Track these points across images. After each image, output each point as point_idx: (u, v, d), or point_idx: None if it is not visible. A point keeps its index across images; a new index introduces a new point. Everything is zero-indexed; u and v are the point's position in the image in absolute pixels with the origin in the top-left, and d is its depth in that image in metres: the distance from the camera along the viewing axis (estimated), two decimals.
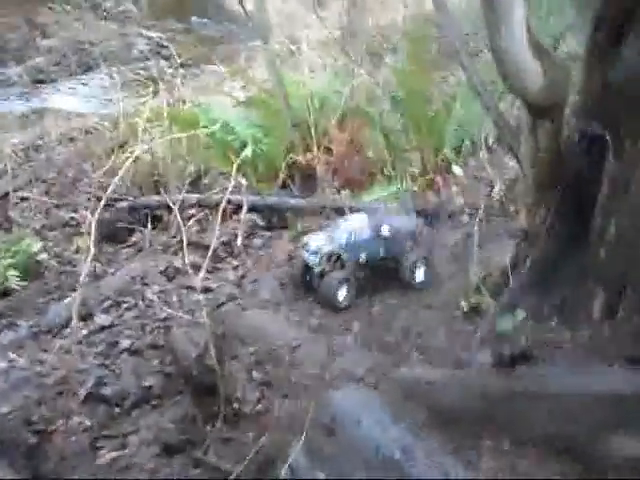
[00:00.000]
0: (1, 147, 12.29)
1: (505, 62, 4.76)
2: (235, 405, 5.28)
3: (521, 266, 5.97)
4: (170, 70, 14.41)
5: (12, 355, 6.43)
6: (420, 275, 7.20)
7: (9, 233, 9.37)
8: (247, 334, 6.28)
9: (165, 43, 15.51)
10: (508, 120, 6.07)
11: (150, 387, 5.89)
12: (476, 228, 7.20)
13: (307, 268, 7.11)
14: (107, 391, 5.85)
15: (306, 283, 7.15)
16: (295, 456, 4.31)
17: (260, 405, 5.33)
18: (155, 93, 12.56)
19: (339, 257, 6.98)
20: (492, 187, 8.44)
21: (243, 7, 10.57)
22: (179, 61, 13.84)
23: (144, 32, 16.40)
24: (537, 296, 5.61)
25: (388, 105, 9.97)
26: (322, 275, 6.94)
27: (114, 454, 5.21)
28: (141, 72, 15.08)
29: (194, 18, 16.36)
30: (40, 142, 12.92)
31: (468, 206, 8.36)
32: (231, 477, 4.49)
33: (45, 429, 5.38)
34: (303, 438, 4.33)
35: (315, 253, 6.94)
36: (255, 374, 5.70)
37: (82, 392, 5.83)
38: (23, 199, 10.69)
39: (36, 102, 14.23)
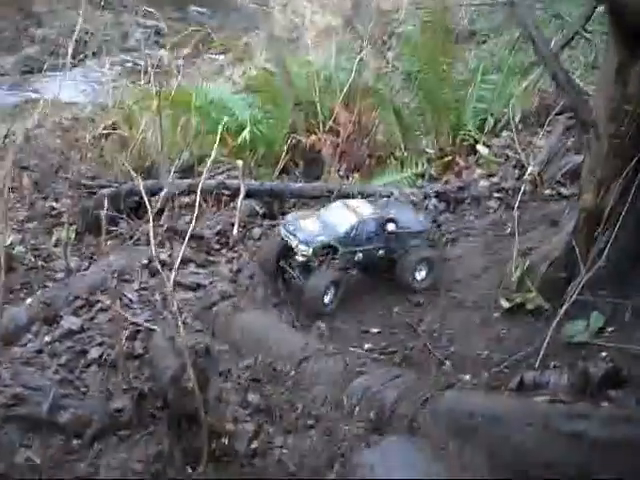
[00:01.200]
0: None
1: None
2: (224, 440, 3.66)
3: (584, 257, 4.39)
4: (167, 59, 12.81)
5: None
6: (421, 275, 5.56)
7: None
8: (242, 342, 4.69)
9: (162, 32, 13.98)
10: (570, 76, 4.48)
11: (119, 410, 4.29)
12: (515, 213, 5.66)
13: (285, 254, 5.46)
14: (64, 417, 4.25)
15: (280, 272, 5.52)
16: None
17: (257, 441, 3.69)
18: (151, 82, 11.01)
19: (335, 251, 5.32)
20: (523, 168, 6.83)
21: None
22: (176, 50, 12.32)
23: (141, 21, 14.90)
24: (615, 295, 4.04)
25: (400, 82, 8.37)
26: (306, 268, 5.32)
27: None
28: (138, 61, 13.51)
29: (192, 7, 14.88)
30: (30, 133, 11.36)
31: (496, 190, 6.78)
32: None
33: None
34: None
35: (306, 241, 5.24)
36: (251, 397, 4.07)
37: (34, 417, 4.25)
38: (10, 188, 9.14)
39: (29, 92, 12.69)
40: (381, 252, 5.47)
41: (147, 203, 4.60)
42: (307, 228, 5.34)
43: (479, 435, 3.17)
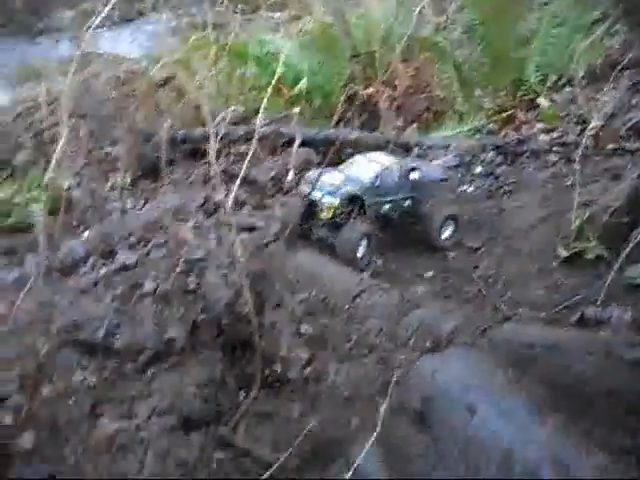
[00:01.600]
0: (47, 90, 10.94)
1: None
2: (277, 367, 3.65)
3: None
4: (225, 15, 12.74)
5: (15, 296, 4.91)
6: (447, 233, 5.47)
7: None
8: (295, 278, 4.66)
9: None
10: None
11: (172, 340, 4.32)
12: (576, 166, 5.50)
13: (310, 212, 5.28)
14: (119, 342, 4.30)
15: (305, 232, 5.32)
16: (364, 453, 2.58)
17: (310, 368, 3.67)
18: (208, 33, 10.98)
19: (362, 202, 5.17)
20: (585, 123, 6.63)
21: None
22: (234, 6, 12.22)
23: None
24: None
25: (460, 35, 8.18)
26: (334, 225, 5.15)
27: (115, 425, 3.66)
28: (194, 18, 13.44)
29: None
30: (87, 84, 11.46)
31: (557, 144, 6.60)
32: (266, 473, 2.85)
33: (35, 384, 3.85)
34: (379, 425, 2.55)
35: (331, 193, 5.12)
36: (304, 327, 4.05)
37: (90, 342, 4.32)
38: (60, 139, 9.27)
39: (86, 46, 12.74)
40: (407, 203, 5.38)
41: (211, 145, 4.52)
42: (330, 181, 5.22)
43: (538, 365, 3.10)
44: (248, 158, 4.90)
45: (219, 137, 7.01)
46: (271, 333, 3.73)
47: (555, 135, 6.73)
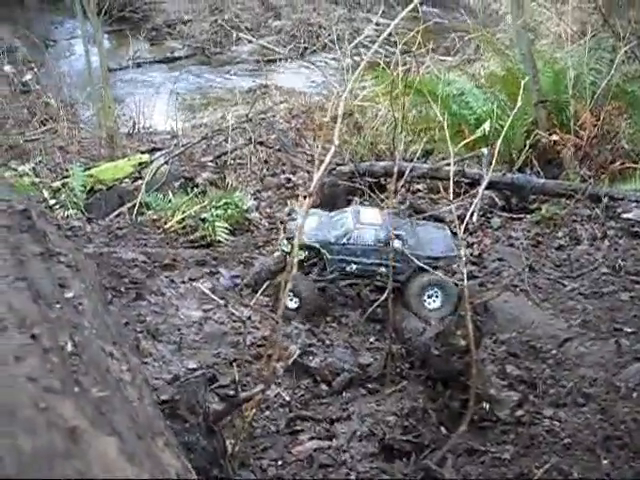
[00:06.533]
0: (226, 117, 11.48)
1: None
2: (485, 405, 3.54)
3: None
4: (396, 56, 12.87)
5: (209, 306, 5.09)
6: (435, 304, 4.84)
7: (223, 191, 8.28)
8: (493, 319, 4.53)
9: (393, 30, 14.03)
10: None
11: (367, 365, 4.31)
12: None
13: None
14: (314, 362, 4.33)
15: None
16: None
17: (521, 411, 3.53)
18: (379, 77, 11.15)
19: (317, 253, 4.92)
20: None
21: None
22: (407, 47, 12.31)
23: (372, 18, 15.07)
24: None
25: None
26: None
27: (315, 444, 3.66)
28: (367, 57, 13.71)
29: (425, 7, 14.86)
30: (262, 115, 11.90)
31: None
32: None
33: (235, 396, 3.91)
34: None
35: (289, 239, 4.97)
36: (509, 368, 3.92)
37: (284, 359, 4.35)
38: (240, 164, 9.65)
39: (263, 79, 13.27)
40: (382, 269, 4.82)
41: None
42: (307, 224, 4.63)
43: None
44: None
45: (403, 173, 7.12)
46: (481, 371, 3.60)
47: None
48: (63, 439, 1.13)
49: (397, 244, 4.76)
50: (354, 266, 4.92)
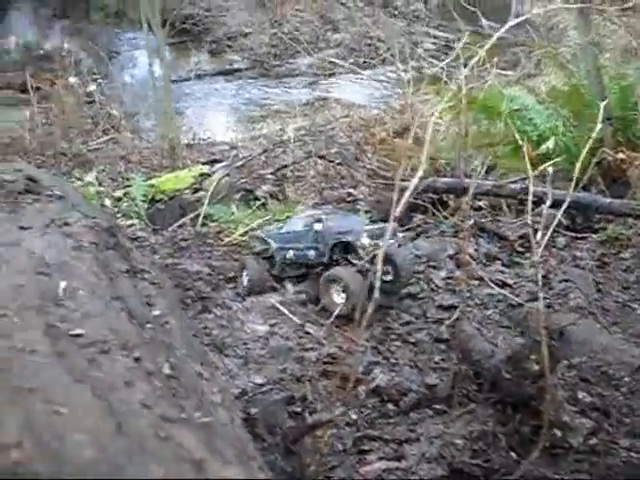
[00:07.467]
0: (284, 129, 11.62)
1: None
2: (557, 432, 3.49)
3: None
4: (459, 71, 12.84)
5: (274, 320, 5.13)
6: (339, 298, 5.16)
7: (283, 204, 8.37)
8: (560, 343, 4.46)
9: (451, 44, 14.04)
10: None
11: (434, 386, 4.29)
12: None
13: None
14: (380, 380, 4.33)
15: None
16: None
17: (596, 440, 3.47)
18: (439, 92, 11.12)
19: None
20: None
21: None
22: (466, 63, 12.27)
23: (431, 32, 15.09)
24: None
25: None
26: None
27: (384, 464, 3.66)
28: (426, 71, 13.70)
29: (485, 22, 14.80)
30: (322, 128, 11.99)
31: None
32: None
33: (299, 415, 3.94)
34: None
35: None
36: (581, 395, 3.87)
37: (352, 377, 4.36)
38: (299, 177, 9.74)
39: (321, 92, 13.38)
40: (311, 253, 5.41)
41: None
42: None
43: None
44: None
45: (466, 189, 7.08)
46: (554, 396, 3.56)
47: None
48: (191, 471, 1.16)
49: (318, 226, 5.39)
50: (291, 252, 5.60)
